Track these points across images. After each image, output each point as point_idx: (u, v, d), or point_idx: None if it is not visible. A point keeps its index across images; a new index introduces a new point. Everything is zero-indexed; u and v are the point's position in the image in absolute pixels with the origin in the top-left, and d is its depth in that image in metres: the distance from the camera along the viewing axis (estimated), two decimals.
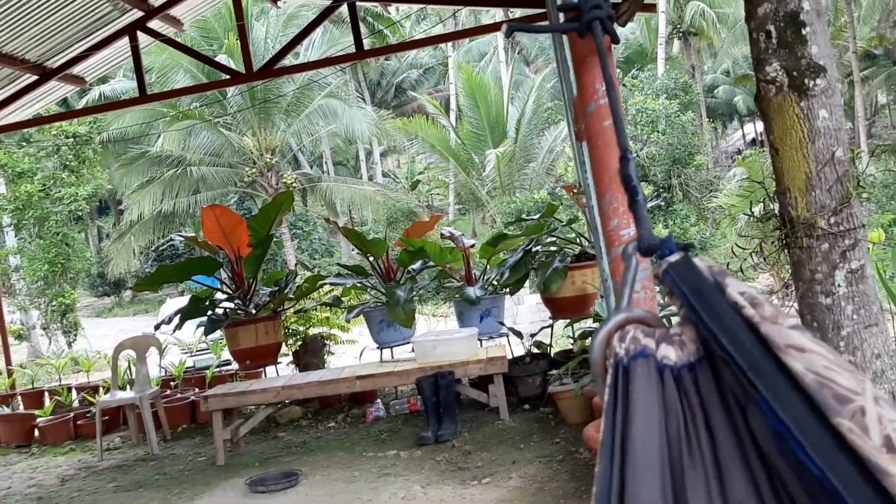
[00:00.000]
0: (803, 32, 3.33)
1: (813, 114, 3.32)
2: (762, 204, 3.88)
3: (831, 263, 3.29)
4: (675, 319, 0.82)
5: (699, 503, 0.62)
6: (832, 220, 3.29)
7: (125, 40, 7.96)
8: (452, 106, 29.18)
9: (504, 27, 1.54)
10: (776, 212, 3.57)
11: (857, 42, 26.55)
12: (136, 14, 7.78)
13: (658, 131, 20.67)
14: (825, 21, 3.52)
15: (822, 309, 3.30)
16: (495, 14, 24.49)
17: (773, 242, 3.60)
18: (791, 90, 3.33)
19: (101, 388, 8.40)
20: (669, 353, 0.71)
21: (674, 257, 0.77)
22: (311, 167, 30.33)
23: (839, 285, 3.28)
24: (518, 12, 8.48)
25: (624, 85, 22.65)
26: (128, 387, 7.76)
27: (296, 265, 18.02)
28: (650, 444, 0.65)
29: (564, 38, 5.94)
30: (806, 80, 3.31)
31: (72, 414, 7.93)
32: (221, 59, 17.77)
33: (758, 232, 3.81)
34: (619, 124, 1.20)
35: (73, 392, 8.74)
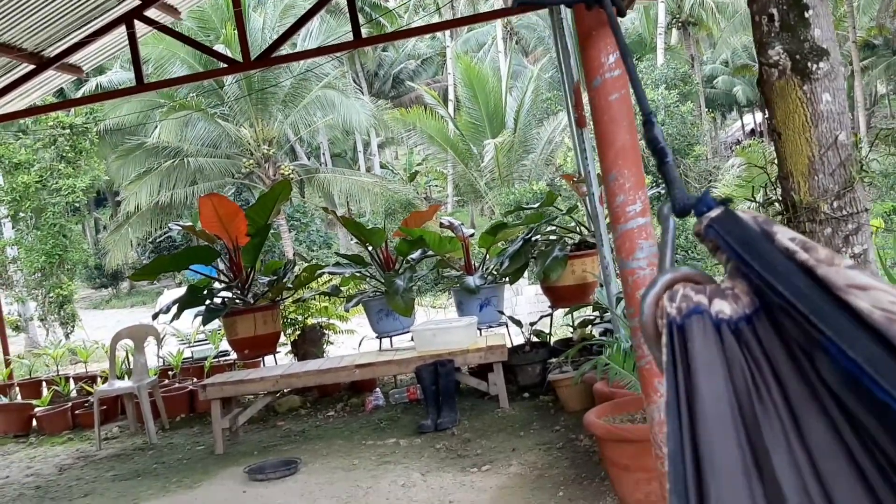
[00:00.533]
0: (806, 15, 3.30)
1: (816, 97, 3.29)
2: (763, 190, 3.86)
3: (834, 248, 3.27)
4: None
5: (780, 453, 0.61)
6: (835, 204, 3.28)
7: (122, 29, 7.91)
8: (451, 97, 29.11)
9: (511, 0, 1.51)
10: (778, 197, 3.55)
11: (856, 32, 26.51)
12: (134, 2, 7.73)
13: (657, 122, 20.65)
14: (827, 4, 3.49)
15: None
16: (494, 3, 24.44)
17: None
18: (794, 73, 3.31)
19: (98, 378, 8.39)
20: (724, 308, 0.69)
21: (715, 212, 0.75)
22: (309, 158, 30.26)
23: None
24: None
25: None
26: (126, 376, 7.74)
27: (294, 255, 18.00)
28: (719, 400, 0.64)
29: (564, 23, 5.91)
30: (809, 64, 3.29)
31: (70, 404, 7.91)
32: (219, 48, 17.70)
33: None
34: (638, 89, 1.17)
35: (71, 382, 8.72)
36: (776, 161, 3.50)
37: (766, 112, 3.53)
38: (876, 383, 0.54)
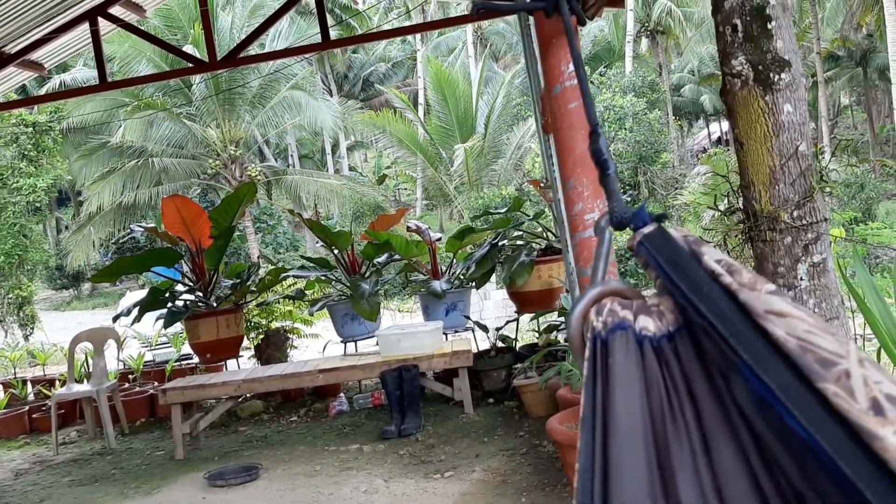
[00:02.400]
0: (769, 26, 3.34)
1: (777, 108, 3.33)
2: (727, 199, 3.89)
3: (794, 257, 3.31)
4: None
5: (686, 474, 0.61)
6: (795, 213, 3.31)
7: (86, 26, 7.77)
8: (421, 100, 29.11)
9: (470, 5, 1.50)
10: (740, 206, 3.58)
11: (821, 43, 27.00)
12: None
13: (625, 129, 20.83)
14: (790, 16, 3.53)
15: None
16: (463, 8, 24.48)
17: (736, 236, 3.61)
18: (756, 84, 3.34)
19: (57, 382, 8.22)
20: (648, 324, 0.70)
21: (647, 228, 0.76)
22: (277, 160, 30.07)
23: (801, 278, 3.29)
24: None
25: (592, 82, 22.76)
26: (85, 380, 7.59)
27: (258, 258, 17.81)
28: (633, 417, 0.64)
29: (532, 30, 5.92)
30: (771, 74, 3.32)
31: (27, 407, 7.75)
32: (187, 48, 17.50)
33: (722, 226, 3.82)
34: (588, 100, 1.16)
35: (29, 385, 8.54)
36: (739, 170, 3.53)
37: (730, 121, 3.56)
38: (786, 409, 0.55)
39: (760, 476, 0.59)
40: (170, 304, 7.26)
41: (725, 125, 33.12)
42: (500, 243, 7.10)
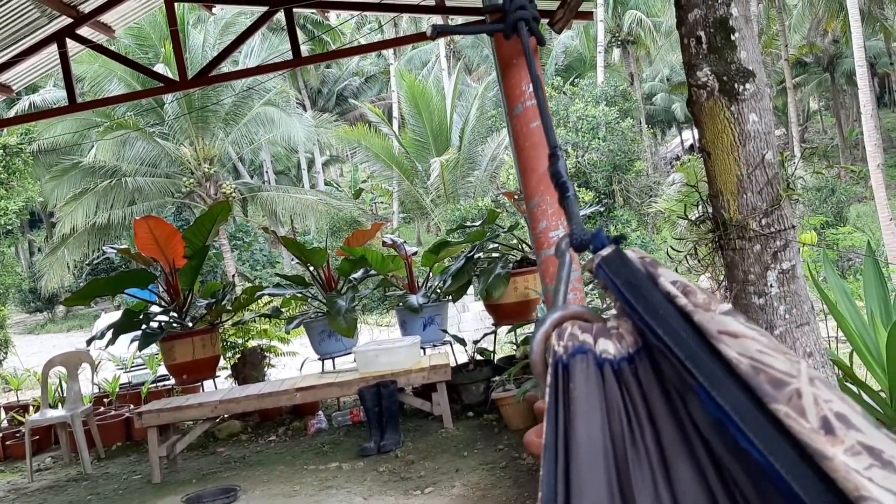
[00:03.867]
0: (732, 38, 3.38)
1: (743, 118, 3.37)
2: (698, 207, 3.93)
3: (763, 264, 3.34)
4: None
5: (646, 498, 0.61)
6: (763, 221, 3.34)
7: (53, 47, 7.72)
8: (395, 114, 29.16)
9: (429, 29, 1.51)
10: (710, 215, 3.62)
11: (788, 50, 27.39)
12: (65, 21, 7.54)
13: (599, 138, 20.98)
14: (753, 27, 3.58)
15: (755, 309, 3.34)
16: (436, 22, 24.57)
17: (707, 245, 3.64)
18: (722, 94, 3.38)
19: (31, 407, 8.09)
20: (608, 347, 0.70)
21: (605, 251, 0.76)
22: (252, 176, 29.94)
23: (771, 286, 3.32)
24: (459, 19, 8.47)
25: (564, 93, 22.94)
26: (59, 405, 7.48)
27: (233, 276, 17.68)
28: (594, 443, 0.64)
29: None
30: (736, 85, 3.36)
31: (0, 434, 7.61)
32: (159, 68, 17.42)
33: (694, 235, 3.86)
34: (546, 121, 1.17)
35: (2, 412, 8.40)
36: (707, 180, 3.57)
37: (697, 132, 3.60)
38: (740, 431, 0.55)
39: (719, 497, 0.59)
40: (144, 326, 7.19)
41: (697, 133, 33.46)
42: (475, 256, 7.11)
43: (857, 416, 0.52)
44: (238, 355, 7.97)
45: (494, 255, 7.19)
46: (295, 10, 7.61)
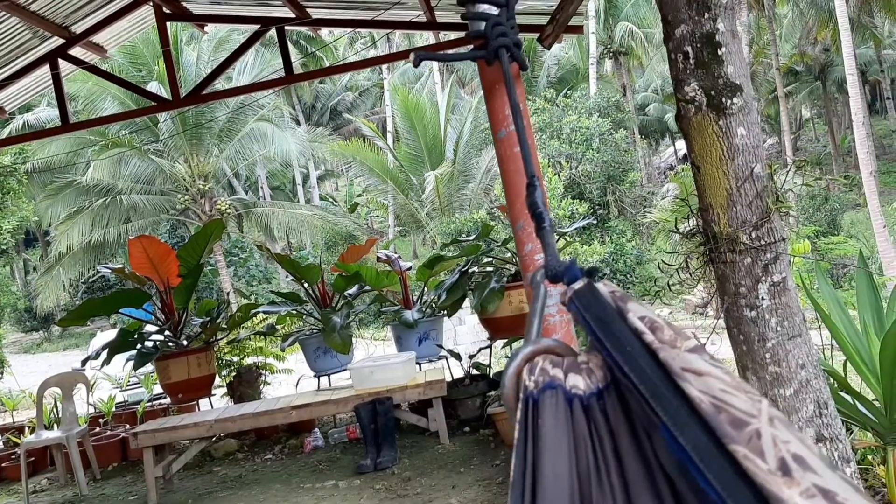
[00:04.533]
0: (719, 53, 3.41)
1: (731, 132, 3.39)
2: (689, 220, 3.94)
3: (754, 277, 3.35)
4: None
5: None
6: (753, 234, 3.36)
7: (46, 68, 7.73)
8: (389, 128, 29.22)
9: (412, 56, 1.52)
10: (701, 228, 3.63)
11: (779, 59, 27.53)
12: (57, 41, 7.56)
13: (592, 149, 21.03)
14: (740, 41, 3.61)
15: (747, 322, 3.36)
16: (428, 37, 24.66)
17: (698, 258, 3.65)
18: (710, 109, 3.40)
19: (26, 428, 8.06)
20: (578, 382, 0.70)
21: (577, 284, 0.76)
22: (247, 192, 29.94)
23: (763, 298, 3.33)
24: (453, 35, 8.51)
25: (557, 104, 23.01)
26: (54, 426, 7.45)
27: (229, 294, 17.65)
28: (560, 480, 0.64)
29: None
30: (723, 99, 3.38)
31: None
32: (153, 86, 17.46)
33: (685, 248, 3.87)
34: (525, 150, 1.18)
35: None
36: (697, 193, 3.58)
37: (686, 146, 3.62)
38: (700, 472, 0.55)
39: None
40: (139, 345, 7.17)
41: None
42: (470, 270, 7.11)
43: (815, 457, 0.52)
44: (234, 373, 7.96)
45: (489, 268, 7.19)
46: (286, 27, 7.64)
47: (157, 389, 8.34)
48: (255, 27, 7.55)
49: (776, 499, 0.51)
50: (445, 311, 7.26)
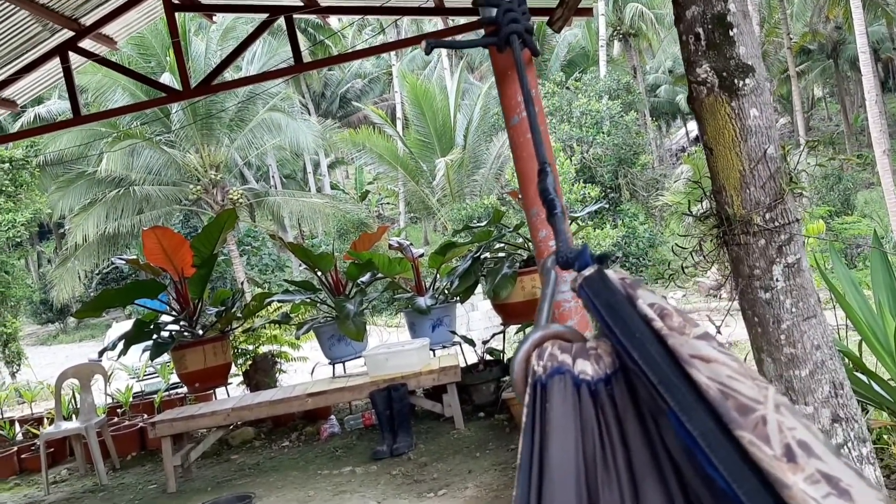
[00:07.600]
0: (731, 34, 3.38)
1: (744, 113, 3.37)
2: (703, 202, 3.92)
3: (768, 259, 3.34)
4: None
5: None
6: (767, 216, 3.34)
7: (56, 61, 7.76)
8: (399, 115, 29.16)
9: (423, 43, 1.52)
10: (714, 210, 3.62)
11: (791, 38, 27.25)
12: (67, 34, 7.59)
13: (603, 132, 20.93)
14: (751, 22, 3.58)
15: (761, 304, 3.35)
16: (437, 23, 24.55)
17: (712, 240, 3.64)
18: (722, 90, 3.38)
19: (45, 420, 8.15)
20: (586, 368, 0.71)
21: (587, 271, 0.76)
22: (258, 182, 30.00)
23: (777, 280, 3.32)
24: (462, 20, 8.47)
25: (568, 88, 22.90)
26: (73, 417, 7.54)
27: (242, 283, 17.73)
28: (566, 464, 0.65)
29: None
30: (735, 80, 3.36)
31: (15, 448, 7.67)
32: (165, 77, 17.50)
33: (698, 231, 3.85)
34: (537, 137, 1.18)
35: (16, 425, 8.46)
36: (710, 175, 3.57)
37: (699, 128, 3.60)
38: (706, 457, 0.56)
39: None
40: (155, 336, 7.22)
41: None
42: (482, 256, 7.12)
43: (819, 443, 0.53)
44: (249, 362, 8.01)
45: (501, 254, 7.19)
46: (294, 15, 7.63)
47: (174, 379, 8.41)
48: (264, 16, 7.54)
49: (781, 484, 0.51)
50: (458, 298, 7.27)
